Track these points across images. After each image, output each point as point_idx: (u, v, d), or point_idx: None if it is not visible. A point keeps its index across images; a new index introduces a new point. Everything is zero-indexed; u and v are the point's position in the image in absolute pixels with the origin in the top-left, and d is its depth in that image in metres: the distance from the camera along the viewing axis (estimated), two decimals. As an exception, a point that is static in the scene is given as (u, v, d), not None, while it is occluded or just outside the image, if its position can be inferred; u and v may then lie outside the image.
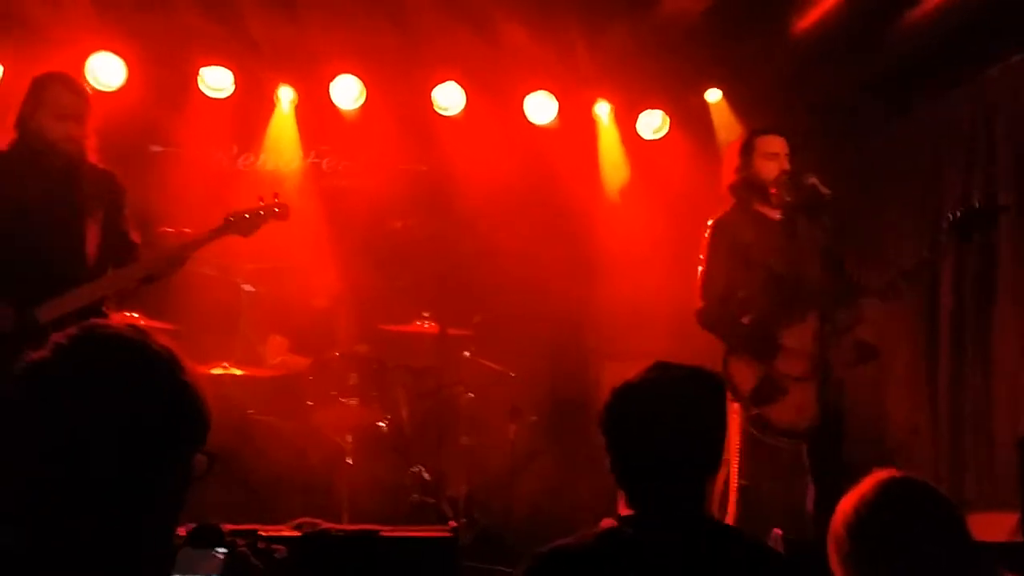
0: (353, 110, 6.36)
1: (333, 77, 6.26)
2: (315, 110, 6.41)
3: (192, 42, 5.92)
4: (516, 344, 5.86)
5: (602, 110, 6.58)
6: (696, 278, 4.58)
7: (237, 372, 5.39)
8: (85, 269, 3.91)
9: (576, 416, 6.08)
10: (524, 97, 6.44)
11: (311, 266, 6.05)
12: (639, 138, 6.64)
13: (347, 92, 6.30)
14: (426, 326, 5.58)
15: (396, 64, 6.24)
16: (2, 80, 5.75)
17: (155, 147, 6.38)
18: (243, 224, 4.12)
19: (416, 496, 5.40)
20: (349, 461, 5.21)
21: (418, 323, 5.61)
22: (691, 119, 6.56)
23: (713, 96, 6.51)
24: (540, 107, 6.46)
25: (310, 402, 5.39)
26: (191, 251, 4.11)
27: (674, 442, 2.10)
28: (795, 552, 3.20)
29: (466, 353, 5.60)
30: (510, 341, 5.83)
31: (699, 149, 6.44)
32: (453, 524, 3.17)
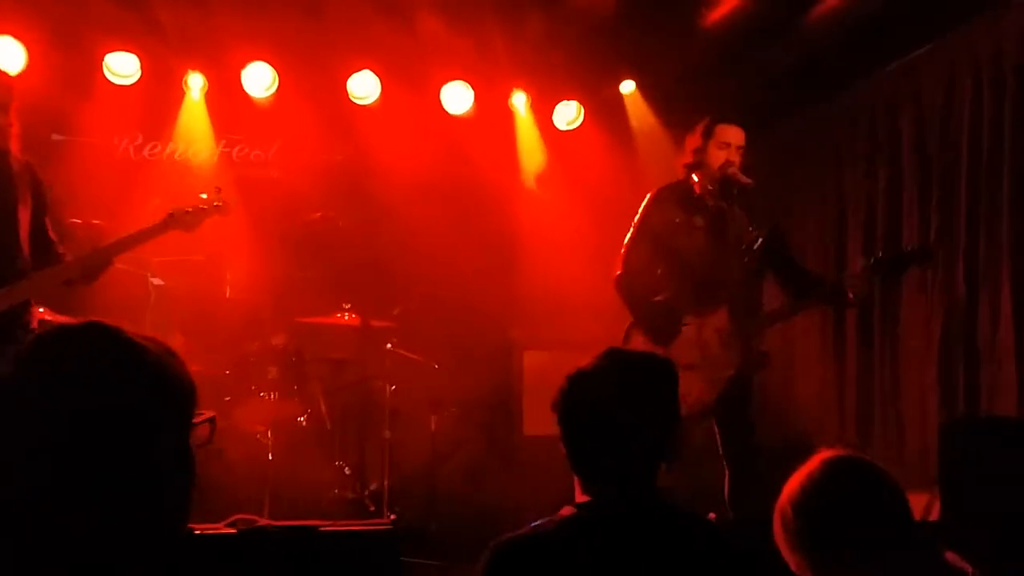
0: (265, 98, 6.22)
1: (244, 64, 6.12)
2: (226, 98, 6.26)
3: (97, 26, 5.69)
4: (437, 335, 5.84)
5: (518, 101, 6.59)
6: (618, 249, 4.59)
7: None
8: (21, 262, 3.78)
9: (497, 406, 6.10)
10: (440, 87, 6.42)
11: (224, 258, 5.91)
12: (555, 129, 6.68)
13: (259, 80, 6.17)
14: (347, 318, 5.51)
15: (310, 52, 6.13)
16: None
17: (57, 136, 6.14)
18: (185, 220, 4.03)
19: (338, 491, 5.34)
20: (270, 457, 5.11)
21: (339, 315, 5.53)
22: (606, 110, 6.63)
23: (627, 87, 6.59)
24: (456, 97, 6.44)
25: (228, 397, 5.27)
26: (127, 249, 4.00)
27: (628, 427, 2.12)
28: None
29: (388, 345, 5.54)
30: (431, 332, 5.81)
31: (614, 140, 6.53)
32: (393, 517, 3.13)
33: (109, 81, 5.99)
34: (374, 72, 6.28)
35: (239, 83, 6.16)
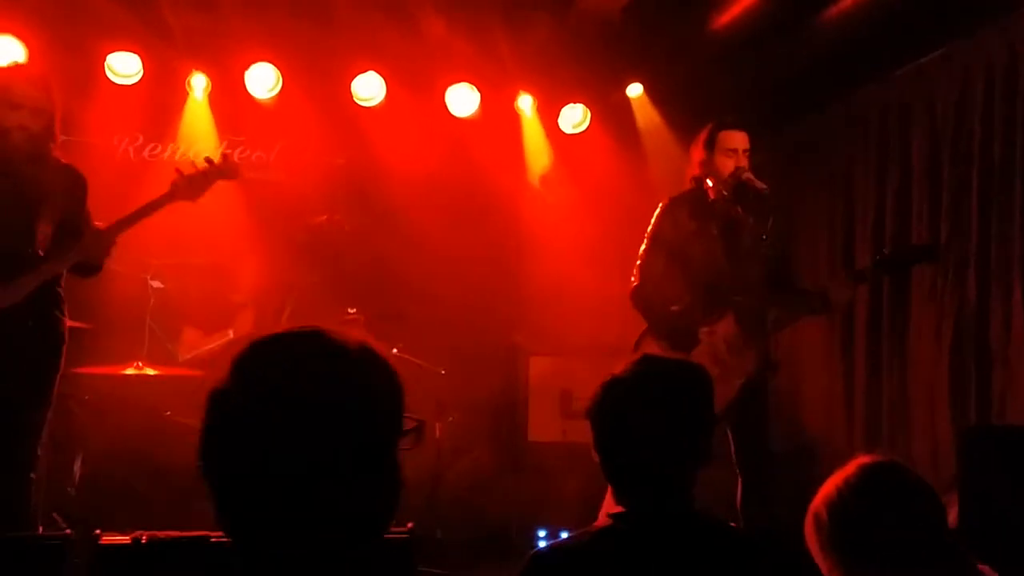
0: (269, 99, 6.17)
1: (248, 65, 6.07)
2: (229, 99, 6.20)
3: (98, 26, 5.64)
4: (443, 340, 5.77)
5: (525, 104, 6.54)
6: (625, 255, 4.60)
7: (151, 372, 5.18)
8: (31, 264, 3.75)
9: (503, 412, 6.05)
10: (446, 89, 6.37)
11: (228, 261, 5.86)
12: (561, 132, 6.64)
13: (262, 81, 6.12)
14: (353, 321, 5.45)
15: (314, 53, 6.08)
16: None
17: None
18: (189, 188, 3.96)
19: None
20: (273, 462, 5.03)
21: (344, 319, 5.46)
22: (612, 113, 6.58)
23: (634, 91, 6.54)
24: (462, 99, 6.39)
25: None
26: (131, 225, 3.96)
27: (663, 436, 2.10)
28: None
29: (394, 350, 5.48)
30: (437, 337, 5.74)
31: (621, 143, 6.49)
32: (410, 525, 3.07)
33: (110, 81, 5.93)
34: (379, 74, 6.22)
35: (242, 84, 6.10)
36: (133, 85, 5.97)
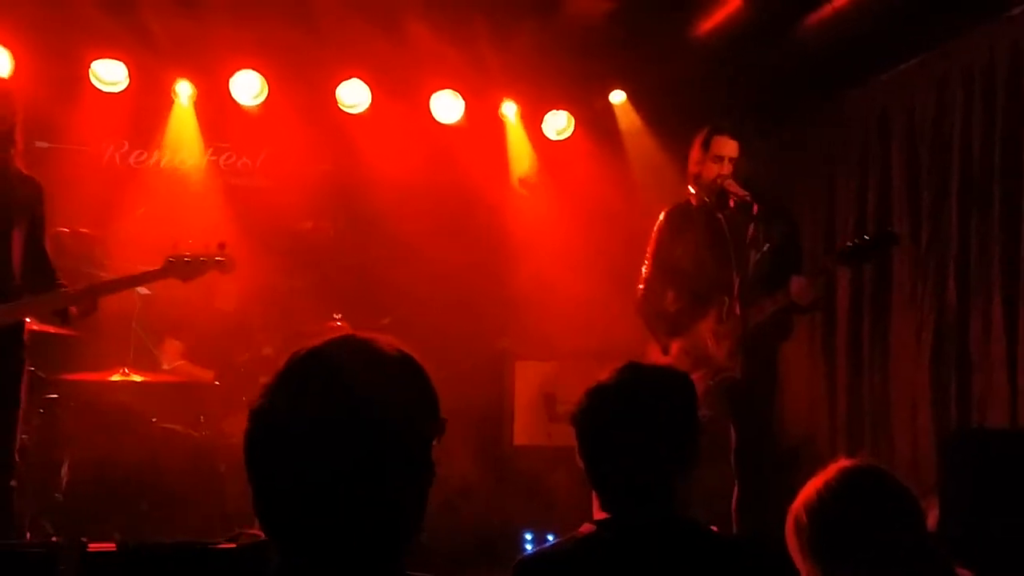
0: (254, 106, 6.18)
1: (233, 72, 6.08)
2: (214, 106, 6.21)
3: (84, 33, 5.64)
4: (428, 345, 5.78)
5: (509, 110, 6.57)
6: (611, 260, 4.71)
7: (137, 379, 5.16)
8: (13, 282, 3.73)
9: (489, 416, 6.07)
10: (431, 96, 6.39)
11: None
12: (545, 138, 6.67)
13: (247, 88, 6.13)
14: (338, 328, 5.46)
15: (299, 60, 6.09)
16: None
17: (41, 143, 6.06)
18: (184, 269, 3.96)
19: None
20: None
21: (330, 325, 5.47)
22: (596, 120, 6.63)
23: (617, 97, 6.59)
24: (447, 106, 6.42)
25: (218, 409, 5.21)
26: (120, 290, 3.97)
27: (647, 443, 2.12)
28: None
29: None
30: (422, 342, 5.75)
31: (604, 149, 6.53)
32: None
33: (96, 88, 5.93)
34: (364, 81, 6.24)
35: (227, 91, 6.12)
36: (119, 92, 5.98)
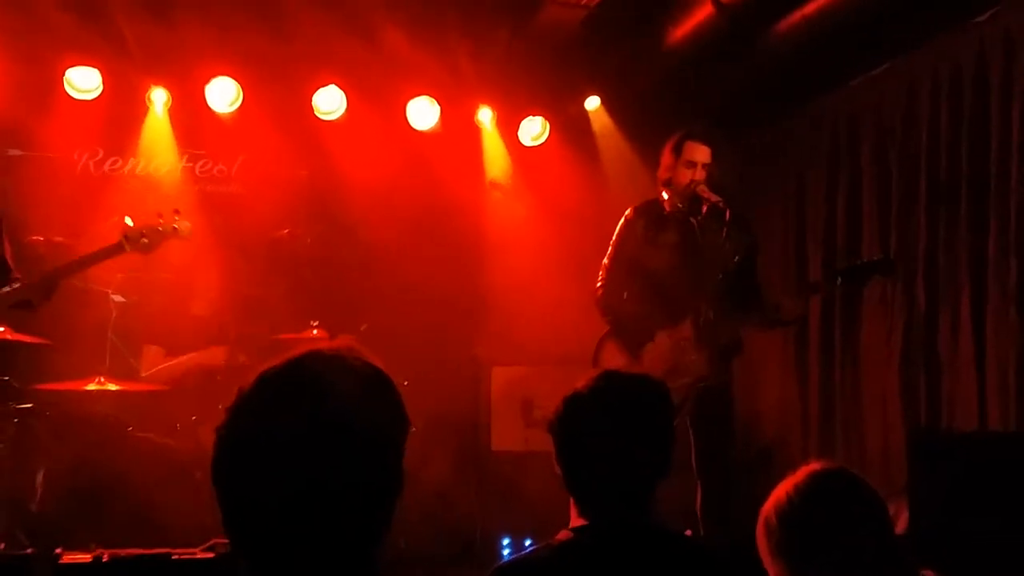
0: (229, 113, 6.18)
1: (208, 79, 6.07)
2: (189, 113, 6.20)
3: (58, 40, 5.62)
4: (405, 351, 5.80)
5: (484, 116, 6.60)
6: (585, 264, 4.70)
7: (113, 387, 5.15)
8: None
9: (466, 422, 6.08)
10: (407, 102, 6.41)
11: (190, 275, 5.85)
12: (521, 144, 6.70)
13: (223, 95, 6.13)
14: (315, 335, 5.46)
15: (274, 67, 6.10)
16: None
17: (14, 151, 6.06)
18: (140, 242, 3.94)
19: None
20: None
21: (307, 332, 5.48)
22: (571, 125, 6.66)
23: (592, 103, 6.63)
24: (422, 113, 6.45)
25: (194, 416, 5.20)
26: (78, 271, 3.92)
27: (623, 451, 2.13)
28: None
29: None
30: (399, 348, 5.76)
31: (579, 155, 6.57)
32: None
33: (70, 96, 5.91)
34: (340, 87, 6.25)
35: (203, 98, 6.11)
36: (93, 100, 5.97)
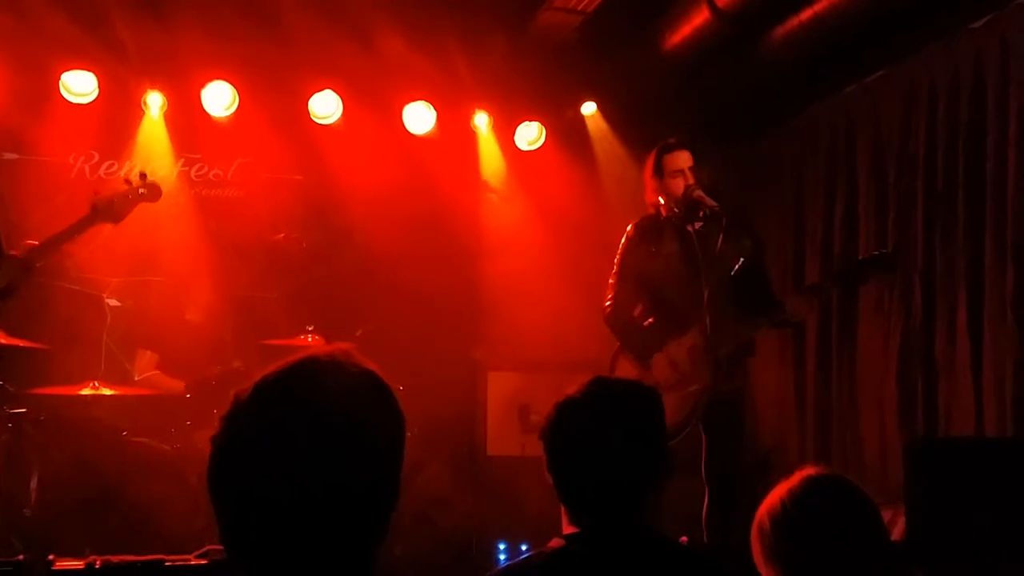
0: (225, 117, 6.16)
1: (204, 83, 6.06)
2: (185, 117, 6.19)
3: (54, 44, 5.61)
4: (401, 356, 5.79)
5: (481, 121, 6.59)
6: (583, 270, 4.70)
7: (107, 392, 5.13)
8: None
9: (462, 427, 6.07)
10: (403, 107, 6.40)
11: (183, 278, 5.84)
12: (517, 149, 6.70)
13: (219, 99, 6.11)
14: (311, 340, 5.44)
15: (271, 71, 6.10)
16: None
17: (9, 155, 6.04)
18: (111, 210, 3.92)
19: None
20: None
21: (302, 337, 5.46)
22: (567, 131, 6.66)
23: (588, 108, 6.63)
24: (419, 117, 6.43)
25: (188, 421, 5.18)
26: (55, 249, 3.89)
27: (615, 457, 2.12)
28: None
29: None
30: (395, 353, 5.75)
31: (576, 160, 6.57)
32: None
33: (65, 99, 5.89)
34: (336, 92, 6.24)
35: (199, 102, 6.09)
36: (88, 103, 5.95)
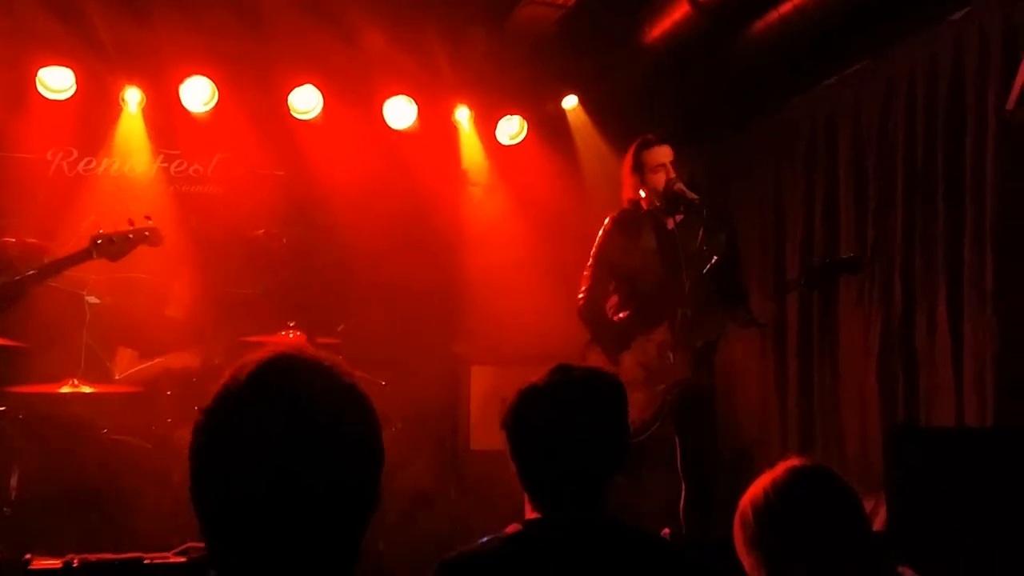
0: (204, 112, 6.13)
1: (183, 78, 6.02)
2: (163, 112, 6.15)
3: (31, 40, 5.57)
4: (383, 352, 5.78)
5: (462, 115, 6.58)
6: (564, 263, 4.69)
7: (87, 389, 5.09)
8: None
9: (445, 422, 6.07)
10: (384, 102, 6.39)
11: (164, 275, 5.80)
12: (499, 143, 6.69)
13: (197, 94, 6.07)
14: (292, 336, 5.42)
15: (250, 66, 6.07)
16: None
17: (-14, 151, 5.99)
18: (110, 248, 3.90)
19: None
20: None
21: (283, 333, 5.44)
22: (548, 124, 6.66)
23: (569, 102, 6.63)
24: (400, 112, 6.42)
25: (169, 419, 5.15)
26: (47, 277, 3.88)
27: (576, 445, 2.13)
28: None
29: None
30: (377, 349, 5.74)
31: (557, 154, 6.57)
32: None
33: (43, 96, 5.85)
34: (316, 87, 6.22)
35: (177, 97, 6.05)
36: (66, 100, 5.91)
